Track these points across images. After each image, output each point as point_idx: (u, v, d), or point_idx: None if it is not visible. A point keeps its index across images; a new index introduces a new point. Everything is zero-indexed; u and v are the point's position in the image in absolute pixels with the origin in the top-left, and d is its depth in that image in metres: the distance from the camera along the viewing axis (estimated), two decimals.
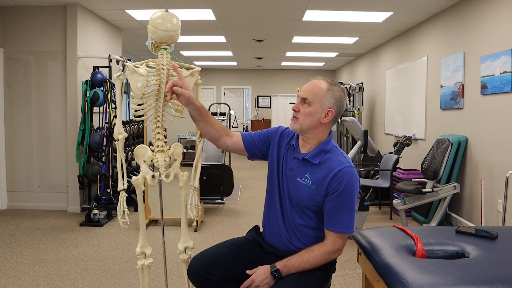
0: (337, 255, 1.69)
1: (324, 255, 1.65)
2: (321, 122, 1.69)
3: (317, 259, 1.64)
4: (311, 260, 1.64)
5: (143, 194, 1.98)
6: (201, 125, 1.81)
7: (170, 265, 3.17)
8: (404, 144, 5.00)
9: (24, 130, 5.04)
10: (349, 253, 3.54)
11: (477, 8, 4.17)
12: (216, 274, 1.71)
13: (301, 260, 1.64)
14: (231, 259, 1.76)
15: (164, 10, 1.83)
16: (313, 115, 1.68)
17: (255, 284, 1.62)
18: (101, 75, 4.72)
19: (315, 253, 1.65)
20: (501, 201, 3.68)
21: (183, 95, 1.71)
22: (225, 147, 1.86)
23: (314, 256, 1.64)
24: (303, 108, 1.69)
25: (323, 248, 1.65)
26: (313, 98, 1.68)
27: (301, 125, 1.70)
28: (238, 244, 1.83)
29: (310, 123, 1.69)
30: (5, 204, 5.02)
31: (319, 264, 1.66)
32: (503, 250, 1.64)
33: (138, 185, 1.88)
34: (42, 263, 3.27)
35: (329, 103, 1.68)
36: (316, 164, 1.69)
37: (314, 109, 1.68)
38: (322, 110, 1.68)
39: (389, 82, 6.86)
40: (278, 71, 12.09)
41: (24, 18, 4.91)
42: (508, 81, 3.59)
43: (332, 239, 1.65)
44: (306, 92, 1.70)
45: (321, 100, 1.67)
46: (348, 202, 1.64)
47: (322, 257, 1.65)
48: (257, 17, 5.59)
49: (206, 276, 1.71)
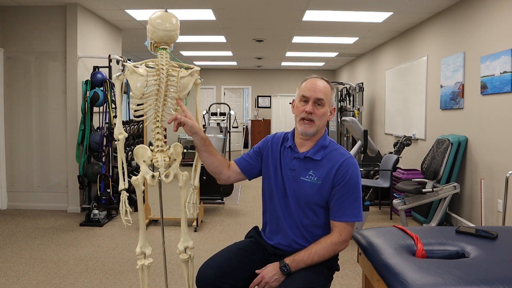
0: (344, 246, 1.68)
1: (331, 246, 1.64)
2: (327, 121, 1.75)
3: (325, 250, 1.64)
4: (319, 252, 1.63)
5: (143, 194, 1.98)
6: (204, 155, 1.78)
7: (170, 265, 3.17)
8: (404, 144, 5.00)
9: (24, 130, 5.04)
10: (349, 253, 3.54)
11: (477, 8, 4.17)
12: (228, 281, 1.65)
13: (309, 253, 1.64)
14: (241, 265, 1.71)
15: (163, 10, 1.83)
16: (325, 115, 1.71)
17: (264, 280, 1.60)
18: (101, 75, 4.72)
19: (322, 245, 1.64)
20: (501, 201, 3.68)
21: (186, 124, 1.71)
22: (226, 180, 1.85)
23: (322, 247, 1.64)
24: (317, 109, 1.69)
25: (330, 239, 1.65)
26: (326, 98, 1.70)
27: (318, 127, 1.70)
28: (245, 249, 1.80)
29: (323, 124, 1.72)
30: (5, 204, 5.02)
31: (327, 256, 1.65)
32: (503, 250, 1.64)
33: (138, 185, 1.88)
34: (42, 263, 3.27)
35: (333, 101, 1.74)
36: (318, 160, 1.70)
37: (326, 110, 1.71)
38: (329, 109, 1.72)
39: (389, 82, 6.86)
40: (278, 71, 12.09)
41: (24, 18, 4.91)
42: (508, 81, 3.59)
43: (339, 229, 1.65)
44: (321, 93, 1.69)
45: (330, 100, 1.72)
46: (354, 191, 1.66)
47: (329, 248, 1.64)
48: (257, 17, 5.59)
49: (219, 285, 1.63)
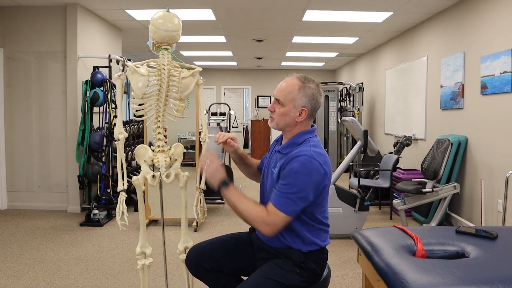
0: (264, 229, 1.58)
1: (256, 215, 1.59)
2: (296, 121, 1.69)
3: (250, 211, 1.60)
4: (247, 207, 1.60)
5: (144, 194, 1.98)
6: (241, 168, 1.98)
7: (170, 265, 3.17)
8: (404, 144, 5.00)
9: (24, 130, 5.04)
10: (349, 253, 3.54)
11: (477, 8, 4.17)
12: (209, 263, 1.80)
13: (243, 200, 1.62)
14: (225, 251, 1.83)
15: (165, 10, 1.83)
16: (287, 115, 1.68)
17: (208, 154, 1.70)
18: (101, 75, 4.72)
19: (255, 208, 1.61)
20: (501, 201, 3.68)
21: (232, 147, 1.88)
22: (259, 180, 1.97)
23: (252, 208, 1.60)
24: (278, 108, 1.70)
25: (262, 211, 1.60)
26: (285, 98, 1.67)
27: (277, 124, 1.72)
28: (235, 237, 1.90)
29: (286, 123, 1.70)
30: (5, 204, 5.02)
31: (247, 218, 1.61)
32: (503, 250, 1.64)
33: (139, 185, 1.88)
34: (42, 263, 3.27)
35: (301, 102, 1.67)
36: (284, 154, 1.69)
37: (287, 109, 1.68)
38: (295, 110, 1.67)
39: (389, 82, 6.86)
40: (278, 71, 12.08)
41: (24, 18, 4.91)
42: (508, 81, 3.60)
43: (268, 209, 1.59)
44: (279, 93, 1.70)
45: (293, 100, 1.67)
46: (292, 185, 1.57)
47: (254, 215, 1.59)
48: (257, 17, 5.59)
49: (201, 264, 1.80)
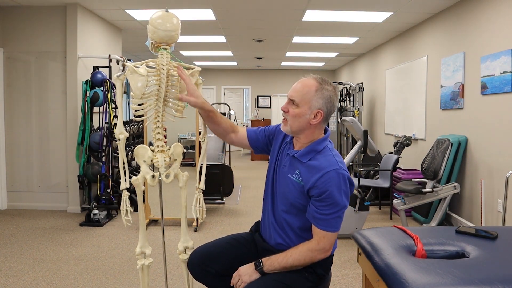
0: (322, 255, 1.62)
1: (307, 252, 1.60)
2: (311, 124, 1.63)
3: (300, 255, 1.60)
4: (294, 255, 1.61)
5: (143, 194, 1.98)
6: (208, 124, 1.93)
7: (170, 265, 3.17)
8: (404, 144, 5.00)
9: (24, 130, 5.04)
10: (349, 253, 3.54)
11: (477, 8, 4.17)
12: (213, 266, 1.77)
13: (284, 255, 1.62)
14: (229, 253, 1.80)
15: (164, 10, 1.83)
16: (302, 117, 1.62)
17: (238, 273, 1.65)
18: (101, 75, 4.72)
19: (299, 249, 1.62)
20: (501, 201, 3.68)
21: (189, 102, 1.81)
22: (230, 142, 1.98)
23: (298, 252, 1.61)
24: (292, 109, 1.64)
25: (307, 245, 1.62)
26: (301, 99, 1.61)
27: (291, 127, 1.66)
28: (238, 239, 1.87)
29: (300, 125, 1.64)
30: (5, 204, 5.02)
31: (302, 262, 1.61)
32: (503, 250, 1.64)
33: (138, 185, 1.88)
34: (42, 263, 3.27)
35: (318, 104, 1.62)
36: (304, 162, 1.65)
37: (302, 111, 1.62)
38: (310, 112, 1.62)
39: (389, 82, 6.86)
40: (278, 71, 12.09)
41: (24, 18, 4.91)
42: (508, 81, 3.60)
43: (318, 237, 1.60)
44: (294, 93, 1.64)
45: (309, 102, 1.61)
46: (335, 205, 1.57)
47: (305, 254, 1.60)
48: (257, 17, 5.59)
49: (205, 268, 1.77)
